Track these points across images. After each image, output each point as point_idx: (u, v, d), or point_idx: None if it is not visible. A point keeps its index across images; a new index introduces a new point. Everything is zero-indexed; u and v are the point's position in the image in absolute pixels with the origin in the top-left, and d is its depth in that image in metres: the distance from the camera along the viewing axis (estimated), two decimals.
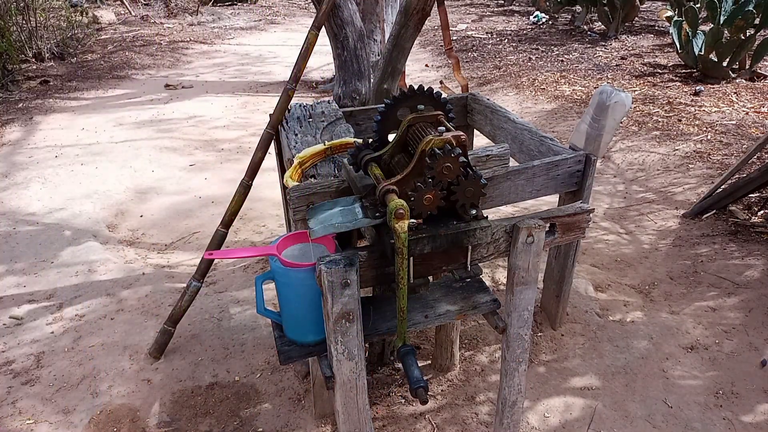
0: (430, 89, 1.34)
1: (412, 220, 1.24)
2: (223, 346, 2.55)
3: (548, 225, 1.46)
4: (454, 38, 8.92)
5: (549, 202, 3.48)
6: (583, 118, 2.05)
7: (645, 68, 6.52)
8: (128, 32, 9.66)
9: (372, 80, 2.71)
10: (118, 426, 2.16)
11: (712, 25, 5.64)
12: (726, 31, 5.57)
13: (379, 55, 5.11)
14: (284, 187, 1.91)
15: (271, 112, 2.34)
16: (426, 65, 7.81)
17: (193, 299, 2.46)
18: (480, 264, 1.45)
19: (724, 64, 5.68)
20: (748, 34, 5.55)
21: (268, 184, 3.91)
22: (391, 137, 1.39)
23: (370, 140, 1.42)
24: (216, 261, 3.11)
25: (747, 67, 5.80)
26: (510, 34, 9.04)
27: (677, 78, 6.05)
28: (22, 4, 7.32)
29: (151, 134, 5.26)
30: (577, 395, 2.25)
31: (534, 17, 9.90)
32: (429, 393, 2.26)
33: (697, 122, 4.75)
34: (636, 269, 3.03)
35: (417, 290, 1.40)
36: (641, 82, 6.00)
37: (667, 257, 3.11)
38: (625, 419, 2.14)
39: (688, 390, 2.25)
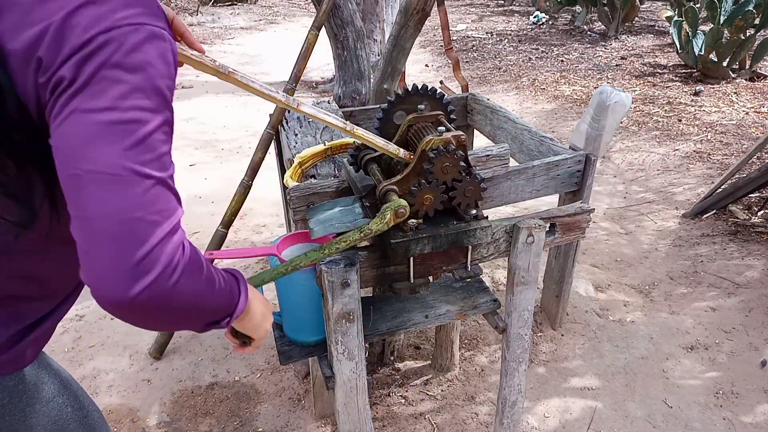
0: (432, 89, 1.34)
1: (413, 220, 1.24)
2: (223, 346, 2.54)
3: (548, 225, 1.46)
4: (454, 38, 8.92)
5: (549, 202, 3.48)
6: (583, 118, 2.05)
7: (645, 68, 6.52)
8: None
9: (372, 80, 2.71)
10: (118, 426, 2.16)
11: (712, 25, 5.64)
12: (726, 31, 5.57)
13: (379, 55, 5.11)
14: (284, 187, 1.91)
15: (271, 112, 2.33)
16: (426, 65, 7.81)
17: None
18: (480, 264, 1.45)
19: (724, 64, 5.68)
20: (748, 34, 5.55)
21: (268, 184, 3.90)
22: None
23: None
24: (216, 261, 3.11)
25: (747, 67, 5.80)
26: (510, 34, 9.05)
27: (677, 78, 6.05)
28: None
29: None
30: (577, 395, 2.25)
31: (534, 17, 9.90)
32: (429, 393, 2.26)
33: (697, 122, 4.75)
34: (636, 269, 3.03)
35: (417, 290, 1.40)
36: (641, 82, 6.00)
37: (667, 257, 3.11)
38: (625, 419, 2.14)
39: (688, 390, 2.25)
